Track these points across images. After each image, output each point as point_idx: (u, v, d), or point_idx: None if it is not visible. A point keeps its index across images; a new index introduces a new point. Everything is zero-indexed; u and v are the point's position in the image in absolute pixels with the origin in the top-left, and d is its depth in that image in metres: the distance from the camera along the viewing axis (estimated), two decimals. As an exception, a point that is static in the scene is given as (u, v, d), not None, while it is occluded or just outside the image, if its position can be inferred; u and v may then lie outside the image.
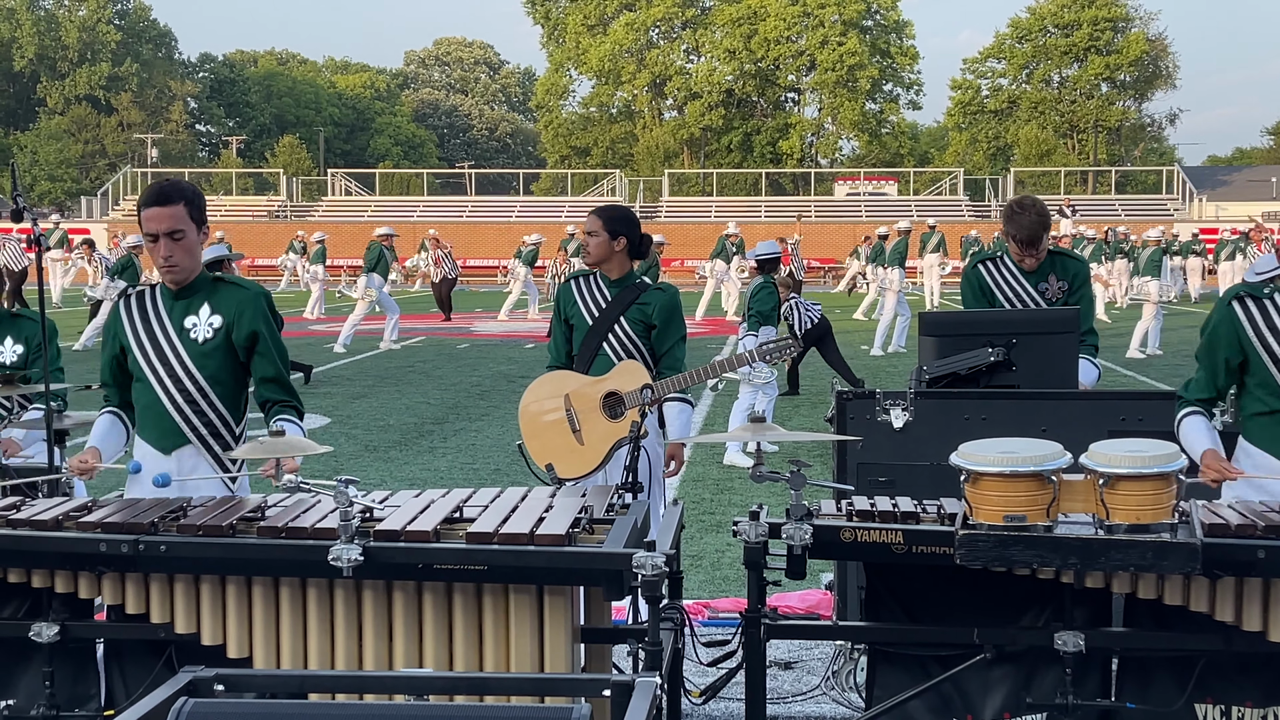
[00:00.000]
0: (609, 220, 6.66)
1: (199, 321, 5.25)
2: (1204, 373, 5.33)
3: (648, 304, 6.63)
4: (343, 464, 12.95)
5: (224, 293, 5.32)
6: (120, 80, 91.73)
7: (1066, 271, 7.29)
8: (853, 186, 67.54)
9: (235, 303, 5.28)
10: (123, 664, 4.86)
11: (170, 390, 5.24)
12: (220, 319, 5.26)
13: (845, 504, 4.77)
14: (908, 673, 4.86)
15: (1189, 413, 5.29)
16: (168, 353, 5.25)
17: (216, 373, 5.26)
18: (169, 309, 5.30)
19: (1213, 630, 4.52)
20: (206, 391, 5.25)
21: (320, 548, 4.25)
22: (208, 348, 5.24)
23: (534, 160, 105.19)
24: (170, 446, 5.29)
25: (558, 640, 4.31)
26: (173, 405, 5.25)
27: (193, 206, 5.23)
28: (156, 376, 5.26)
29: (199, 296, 5.30)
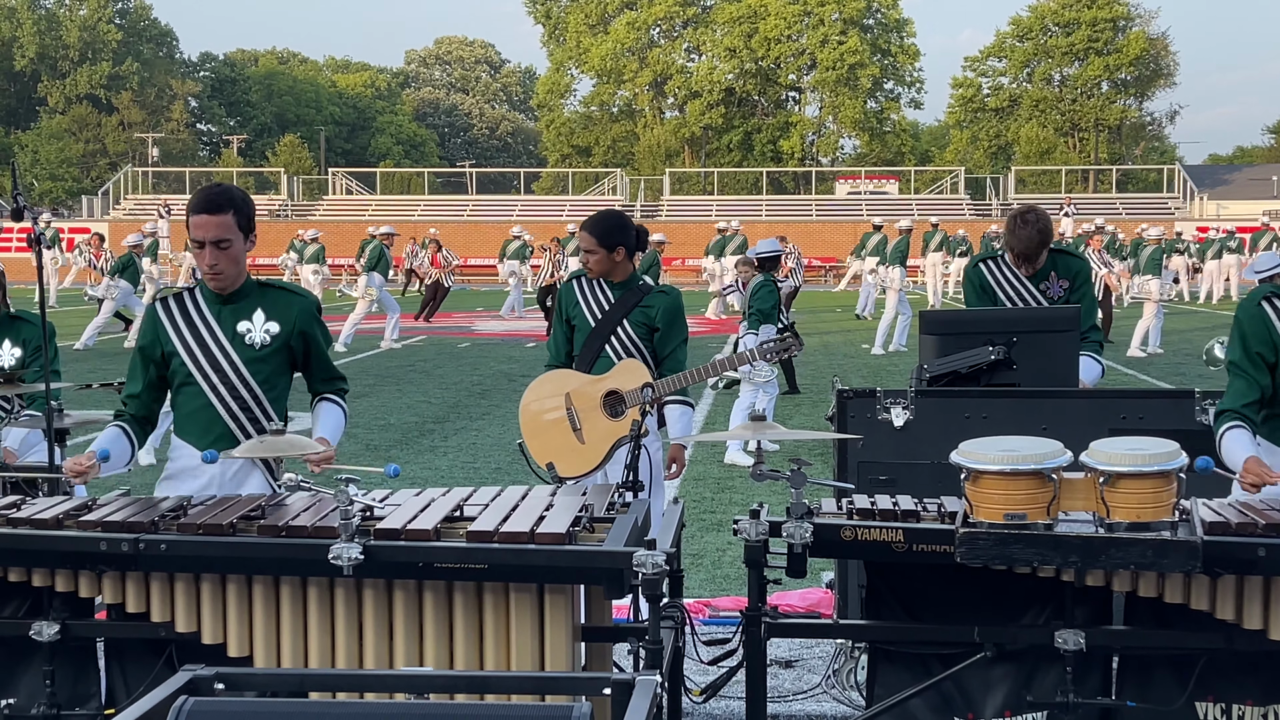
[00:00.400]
0: (603, 234, 6.60)
1: (254, 327, 5.28)
2: (1241, 380, 5.18)
3: (651, 307, 6.62)
4: (343, 463, 12.92)
5: (277, 298, 5.37)
6: (121, 79, 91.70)
7: (1068, 270, 7.30)
8: (854, 185, 67.48)
9: (294, 310, 5.34)
10: (123, 663, 4.85)
11: (223, 395, 5.26)
12: (278, 325, 5.31)
13: (846, 502, 4.77)
14: (908, 671, 4.86)
15: (1231, 426, 5.13)
16: (219, 358, 5.26)
17: (270, 377, 5.31)
18: (216, 314, 5.31)
19: (1213, 628, 4.52)
20: (259, 396, 5.28)
21: (321, 546, 4.25)
22: (264, 353, 5.28)
23: (535, 159, 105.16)
24: (220, 450, 5.27)
25: (558, 639, 4.31)
26: (225, 410, 5.26)
27: (241, 215, 5.23)
28: (209, 382, 5.26)
29: (249, 301, 5.33)
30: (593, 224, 6.67)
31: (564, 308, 6.75)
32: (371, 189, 70.86)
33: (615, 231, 6.64)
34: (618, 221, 6.71)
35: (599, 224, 6.67)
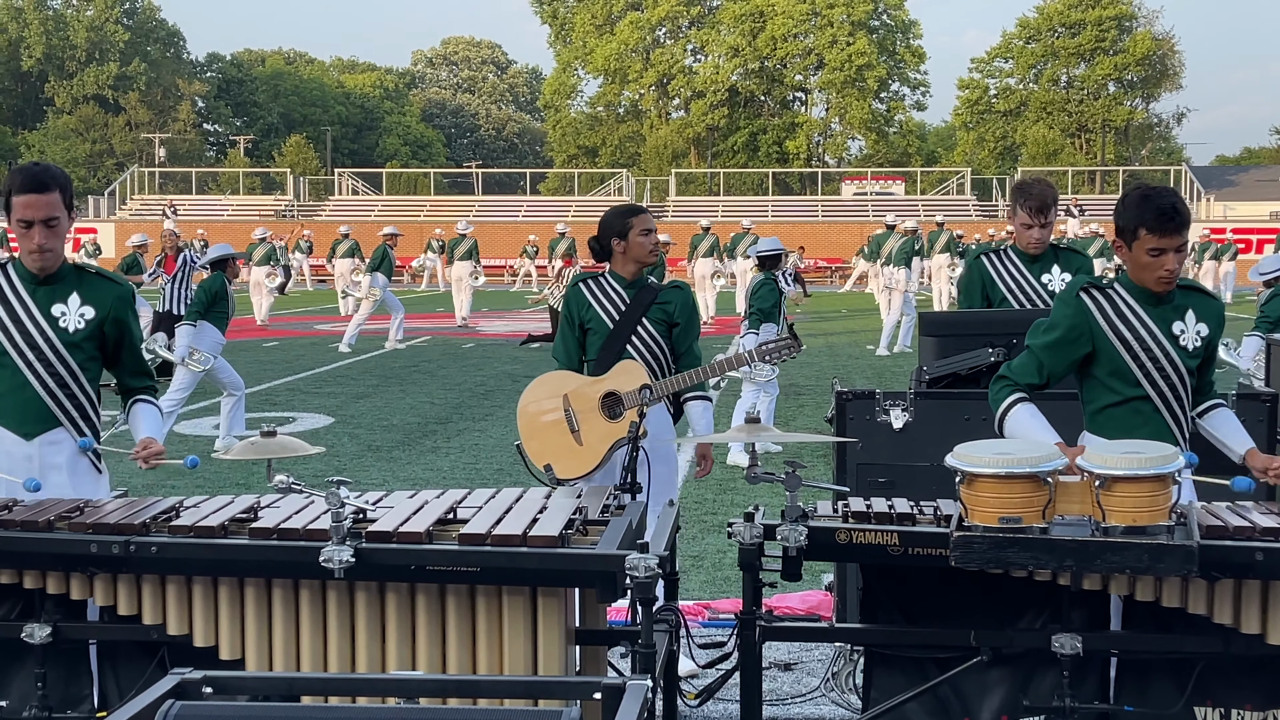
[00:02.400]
0: (594, 243, 6.75)
1: (68, 311, 5.27)
2: (1033, 361, 5.13)
3: (669, 303, 6.62)
4: (345, 464, 12.94)
5: (94, 285, 5.35)
6: (128, 79, 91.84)
7: (1070, 264, 7.27)
8: (859, 186, 67.51)
9: (111, 298, 5.34)
10: (116, 665, 4.85)
11: (41, 374, 5.23)
12: (93, 311, 5.30)
13: (841, 505, 4.74)
14: (905, 675, 4.84)
15: (1017, 400, 5.09)
16: (36, 337, 5.23)
17: (85, 361, 5.31)
18: (31, 293, 5.28)
19: (1211, 632, 4.50)
20: (77, 375, 5.28)
21: (312, 549, 4.22)
22: (78, 337, 5.27)
23: (541, 160, 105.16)
24: (35, 432, 5.26)
25: (551, 642, 4.28)
26: (44, 388, 5.24)
27: (66, 194, 5.23)
28: (25, 360, 5.23)
29: (64, 285, 5.31)
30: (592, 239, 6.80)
31: (575, 311, 6.68)
32: (378, 189, 70.93)
33: (601, 234, 6.68)
34: (602, 221, 6.75)
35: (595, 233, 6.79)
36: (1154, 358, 4.97)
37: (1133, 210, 4.93)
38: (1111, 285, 5.04)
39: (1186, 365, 5.00)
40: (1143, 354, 4.98)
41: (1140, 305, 5.01)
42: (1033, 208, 7.12)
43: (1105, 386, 5.07)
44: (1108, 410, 5.08)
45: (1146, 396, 5.00)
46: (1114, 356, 5.00)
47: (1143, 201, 4.91)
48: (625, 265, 6.65)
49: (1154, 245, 4.88)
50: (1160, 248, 4.88)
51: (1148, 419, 5.00)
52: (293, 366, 21.67)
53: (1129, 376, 4.99)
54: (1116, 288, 5.04)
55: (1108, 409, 5.08)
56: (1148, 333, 4.97)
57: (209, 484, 11.24)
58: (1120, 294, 5.03)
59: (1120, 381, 5.01)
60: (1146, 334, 4.97)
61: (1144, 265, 4.93)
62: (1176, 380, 5.00)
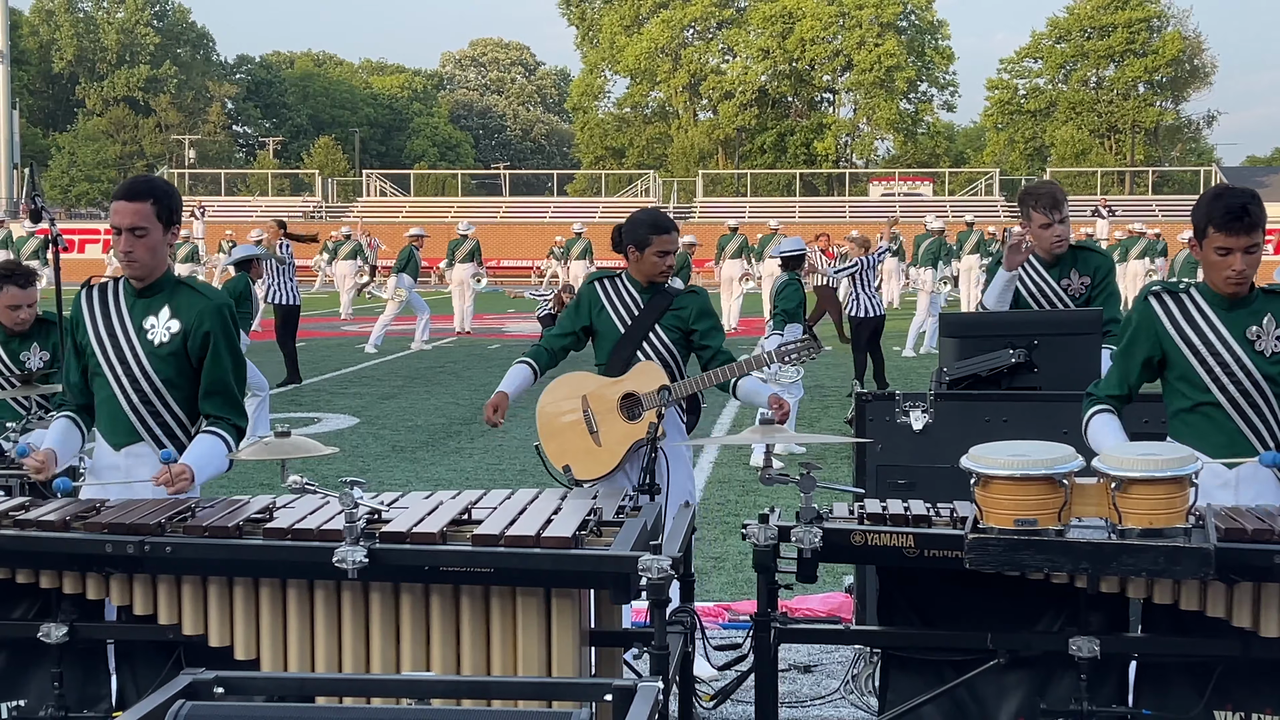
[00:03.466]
0: (616, 235, 6.69)
1: (157, 323, 5.24)
2: (1114, 371, 5.20)
3: (683, 309, 6.55)
4: (369, 464, 12.96)
5: (185, 297, 5.30)
6: (158, 82, 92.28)
7: (1088, 266, 7.23)
8: (887, 187, 67.35)
9: (197, 310, 5.26)
10: (134, 665, 4.84)
11: (126, 388, 5.24)
12: (179, 324, 5.24)
13: (857, 507, 4.72)
14: (921, 678, 4.81)
15: (1099, 410, 5.15)
16: (125, 351, 5.23)
17: (172, 376, 5.25)
18: (130, 306, 5.29)
19: (1231, 635, 4.45)
20: (161, 392, 5.24)
21: (326, 549, 4.22)
22: (164, 351, 5.23)
23: (569, 161, 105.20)
24: (122, 443, 5.28)
25: (565, 643, 4.27)
26: (128, 403, 5.25)
27: (161, 205, 5.21)
28: (114, 374, 5.25)
29: (160, 298, 5.29)
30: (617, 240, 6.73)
31: (586, 310, 6.62)
32: (405, 190, 71.07)
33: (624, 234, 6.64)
34: (624, 225, 6.70)
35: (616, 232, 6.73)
36: (1223, 363, 4.94)
37: (1204, 208, 4.91)
38: (1186, 289, 5.04)
39: (1264, 371, 4.94)
40: (1210, 359, 4.95)
41: (1213, 309, 4.99)
42: (1046, 205, 7.10)
43: (1177, 391, 5.08)
44: (1181, 415, 5.09)
45: (1216, 402, 4.98)
46: (1181, 361, 5.00)
47: (1214, 200, 4.90)
48: (638, 272, 6.62)
49: (1221, 244, 4.85)
50: (1227, 247, 4.85)
51: (1220, 425, 4.99)
52: (319, 367, 21.72)
53: (1197, 381, 4.99)
54: (1191, 291, 5.04)
55: (1181, 413, 5.09)
56: (1217, 337, 4.95)
57: (232, 484, 11.27)
58: (1194, 298, 5.02)
59: (1189, 386, 5.01)
60: (1216, 339, 4.95)
61: (1212, 265, 4.91)
62: (1250, 386, 4.95)
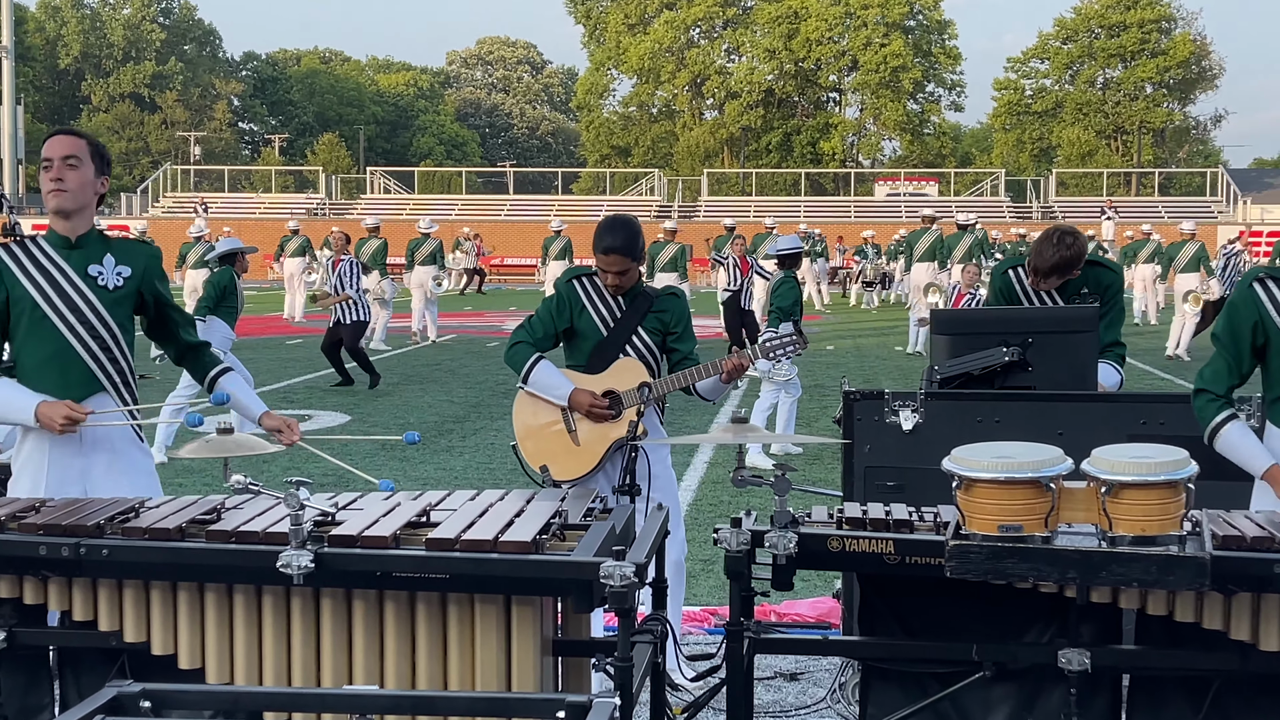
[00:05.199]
0: (629, 249, 6.26)
1: (105, 270, 5.20)
2: (1221, 361, 4.98)
3: (665, 311, 6.32)
4: (356, 463, 12.70)
5: (124, 247, 5.35)
6: (164, 78, 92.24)
7: (1099, 283, 6.99)
8: (893, 187, 67.09)
9: (144, 257, 5.33)
10: (77, 672, 4.62)
11: (84, 336, 5.15)
12: (130, 269, 5.26)
13: (835, 510, 4.49)
14: (903, 690, 4.59)
15: (1227, 417, 4.90)
16: (75, 298, 5.15)
17: (124, 320, 5.25)
18: (65, 257, 5.21)
19: (1228, 649, 4.22)
20: (118, 337, 5.23)
21: (272, 553, 3.99)
22: (118, 295, 5.22)
23: (575, 160, 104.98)
24: (80, 396, 5.14)
25: (525, 653, 4.05)
26: (87, 352, 5.16)
27: (94, 148, 5.24)
28: (65, 321, 5.14)
29: (96, 247, 5.26)
30: (619, 243, 6.20)
31: (567, 310, 6.32)
32: (410, 188, 70.85)
33: (636, 240, 6.34)
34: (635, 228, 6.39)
35: (623, 239, 6.23)
36: None
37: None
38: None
39: None
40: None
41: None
42: (1036, 269, 6.82)
43: (1277, 378, 4.92)
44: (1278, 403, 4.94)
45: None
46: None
47: None
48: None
49: None
50: None
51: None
52: (314, 365, 21.49)
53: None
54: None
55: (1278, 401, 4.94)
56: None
57: (199, 483, 11.06)
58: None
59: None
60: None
61: None
62: None
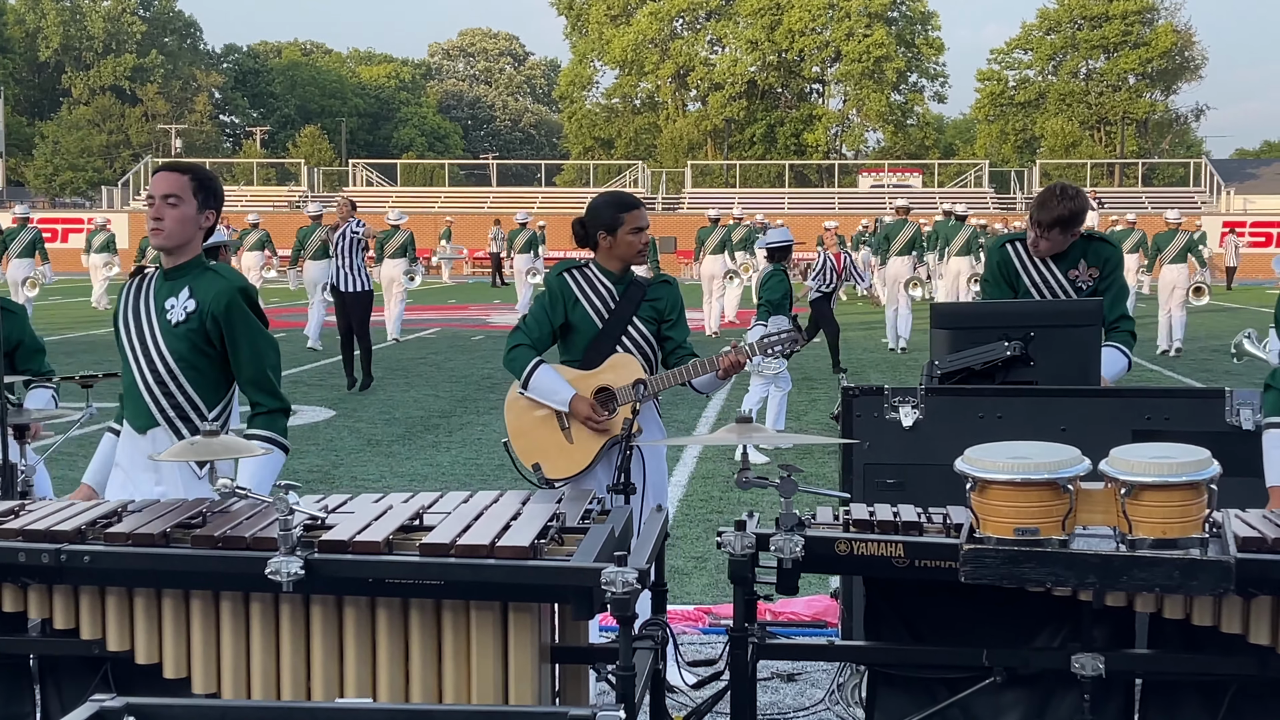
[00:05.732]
0: (578, 227, 6.30)
1: (176, 303, 5.07)
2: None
3: (659, 299, 6.20)
4: (342, 458, 12.59)
5: (207, 279, 5.11)
6: (145, 71, 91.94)
7: (1098, 257, 6.87)
8: (877, 179, 67.04)
9: (214, 291, 5.05)
10: (59, 681, 4.48)
11: (143, 369, 5.06)
12: (194, 303, 5.05)
13: (842, 512, 4.35)
14: (911, 696, 4.45)
15: (1274, 422, 4.82)
16: (145, 331, 5.08)
17: (187, 355, 5.02)
18: (157, 289, 5.14)
19: (1247, 653, 4.09)
20: (175, 373, 5.02)
21: (260, 560, 3.85)
22: (180, 330, 5.03)
23: (558, 152, 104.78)
24: (143, 427, 5.08)
25: (523, 662, 3.90)
26: (144, 385, 5.06)
27: (199, 183, 5.11)
28: (133, 354, 5.10)
29: (184, 280, 5.11)
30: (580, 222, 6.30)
31: (560, 305, 6.17)
32: (392, 180, 70.61)
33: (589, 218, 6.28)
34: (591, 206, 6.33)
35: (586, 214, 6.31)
36: None
37: None
38: None
39: None
40: None
41: None
42: (1040, 222, 6.71)
43: None
44: None
45: None
46: None
47: None
48: (610, 261, 6.24)
49: None
50: None
51: None
52: (298, 359, 21.33)
53: None
54: None
55: None
56: None
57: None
58: None
59: None
60: None
61: None
62: None
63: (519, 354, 6.09)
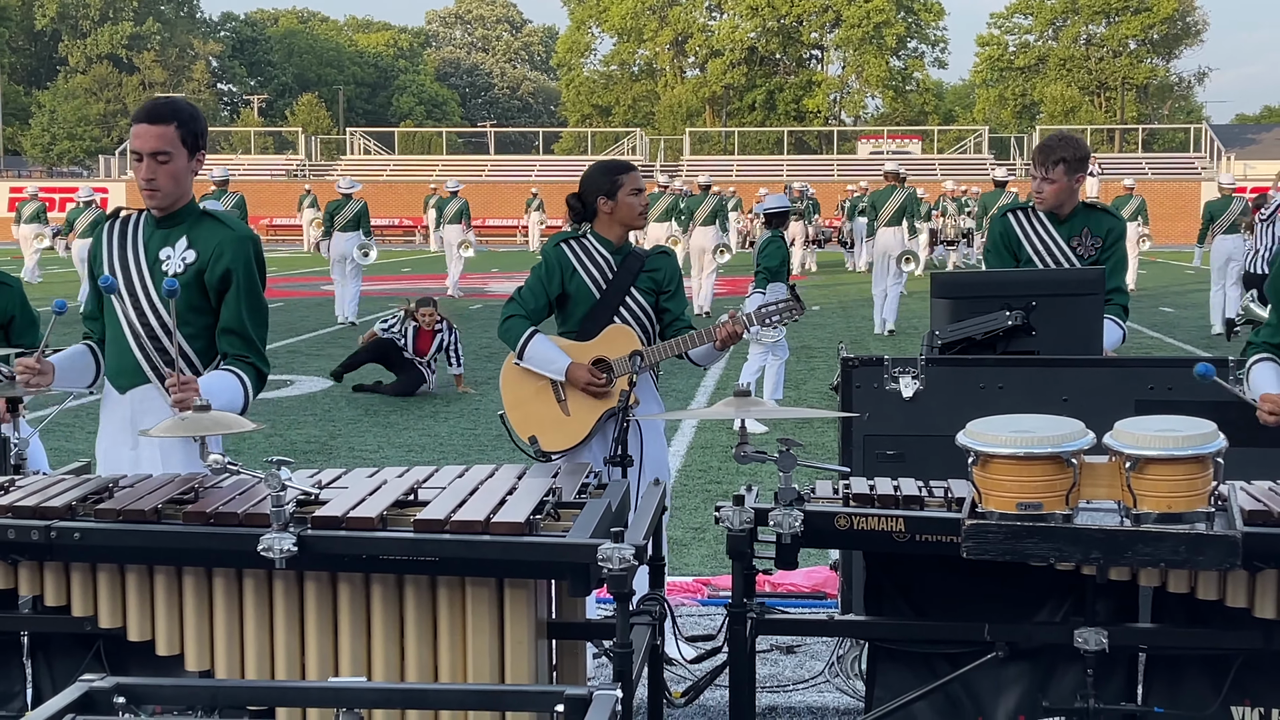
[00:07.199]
0: (574, 200, 6.26)
1: (173, 254, 4.84)
2: (1275, 315, 4.86)
3: (657, 269, 6.15)
4: (340, 429, 12.54)
5: (207, 228, 4.90)
6: (142, 39, 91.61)
7: (1100, 226, 6.81)
8: (876, 145, 66.84)
9: (216, 241, 4.85)
10: (50, 659, 4.42)
11: (134, 322, 4.85)
12: (195, 254, 4.84)
13: (842, 486, 4.29)
14: (912, 671, 4.40)
15: (1259, 359, 4.88)
16: (135, 282, 4.85)
17: (183, 311, 4.80)
18: (148, 237, 4.91)
19: (1251, 626, 4.04)
20: (169, 327, 4.75)
21: (252, 536, 3.79)
22: (176, 282, 4.75)
23: (556, 119, 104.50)
24: (127, 385, 4.90)
25: (519, 638, 3.86)
26: (135, 339, 4.85)
27: (185, 129, 4.80)
28: (123, 308, 4.86)
29: (180, 228, 4.89)
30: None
31: (557, 275, 6.10)
32: (390, 149, 70.41)
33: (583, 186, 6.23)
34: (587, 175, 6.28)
35: None
36: None
37: None
38: None
39: None
40: None
41: None
42: (1037, 159, 6.71)
43: None
44: None
45: None
46: None
47: None
48: (611, 228, 6.16)
49: None
50: None
51: None
52: (295, 329, 21.26)
53: None
54: None
55: None
56: None
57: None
58: None
59: None
60: None
61: None
62: None
63: (514, 324, 6.02)
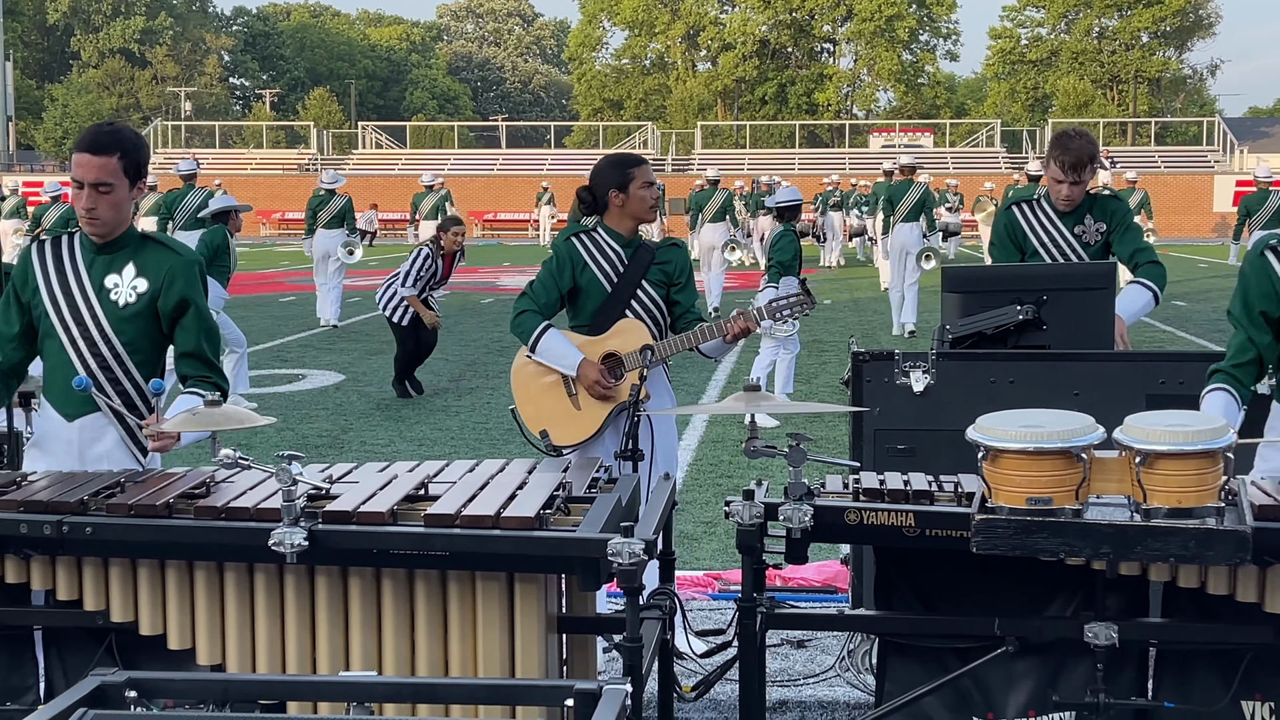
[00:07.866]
0: (585, 194, 6.25)
1: (121, 282, 4.80)
2: (1238, 335, 4.75)
3: (668, 262, 6.13)
4: (351, 423, 12.56)
5: (153, 254, 4.86)
6: (154, 33, 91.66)
7: (1104, 212, 6.80)
8: (888, 139, 66.75)
9: (166, 267, 4.82)
10: (63, 653, 4.44)
11: (83, 353, 4.79)
12: (146, 283, 4.81)
13: (852, 481, 4.29)
14: (922, 666, 4.41)
15: (1214, 389, 4.71)
16: (83, 312, 4.80)
17: (135, 339, 4.81)
18: (89, 263, 4.85)
19: (1262, 622, 4.04)
20: (122, 357, 4.78)
21: (263, 530, 3.81)
22: (128, 312, 4.78)
23: (567, 113, 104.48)
24: (74, 414, 4.85)
25: (530, 633, 3.87)
26: (84, 368, 4.79)
27: (128, 160, 4.77)
28: (69, 336, 4.80)
29: (123, 254, 4.84)
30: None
31: (569, 269, 6.09)
32: (402, 143, 70.46)
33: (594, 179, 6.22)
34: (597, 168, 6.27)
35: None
36: None
37: None
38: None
39: None
40: None
41: None
42: (1066, 163, 6.61)
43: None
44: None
45: None
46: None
47: None
48: (622, 221, 6.15)
49: None
50: None
51: None
52: (306, 323, 21.29)
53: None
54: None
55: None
56: None
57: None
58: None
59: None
60: None
61: None
62: None
63: (526, 319, 6.02)
